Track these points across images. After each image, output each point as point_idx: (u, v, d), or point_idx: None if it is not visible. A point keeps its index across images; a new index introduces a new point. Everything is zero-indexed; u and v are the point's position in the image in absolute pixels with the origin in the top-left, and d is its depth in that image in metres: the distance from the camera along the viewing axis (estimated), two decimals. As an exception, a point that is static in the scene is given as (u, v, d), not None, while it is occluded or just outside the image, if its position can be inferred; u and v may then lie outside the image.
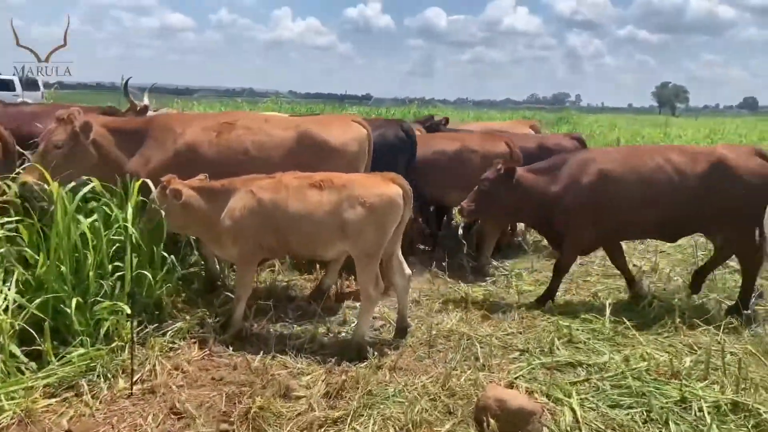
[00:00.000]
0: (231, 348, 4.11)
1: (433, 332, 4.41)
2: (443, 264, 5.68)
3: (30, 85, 25.61)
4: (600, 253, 7.02)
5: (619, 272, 5.56)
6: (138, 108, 7.36)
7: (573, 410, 3.37)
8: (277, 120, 5.42)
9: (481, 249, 6.38)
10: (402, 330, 4.46)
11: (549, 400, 3.50)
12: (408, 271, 4.48)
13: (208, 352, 4.05)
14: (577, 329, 4.54)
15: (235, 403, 3.43)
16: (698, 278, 5.45)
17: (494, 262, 6.41)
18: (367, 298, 4.19)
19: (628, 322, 4.55)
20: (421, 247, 6.81)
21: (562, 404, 3.45)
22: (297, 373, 3.81)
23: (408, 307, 4.59)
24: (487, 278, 6.00)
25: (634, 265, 6.04)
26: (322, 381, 3.67)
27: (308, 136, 5.08)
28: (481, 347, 4.22)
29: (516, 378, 3.77)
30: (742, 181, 4.87)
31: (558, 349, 4.20)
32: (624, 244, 5.69)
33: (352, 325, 4.51)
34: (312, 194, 4.17)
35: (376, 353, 4.06)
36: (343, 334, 4.45)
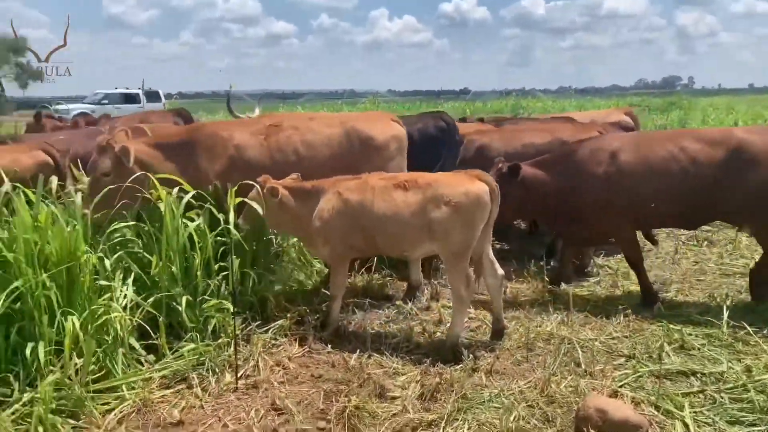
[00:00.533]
0: (329, 346, 4.22)
1: (532, 335, 4.27)
2: (541, 264, 5.50)
3: (152, 96, 27.97)
4: (716, 249, 6.53)
5: (738, 271, 5.13)
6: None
7: (685, 425, 3.14)
8: (321, 118, 5.48)
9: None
10: (498, 332, 4.37)
11: (657, 412, 3.29)
12: (500, 270, 4.38)
13: (307, 349, 4.18)
14: (690, 334, 4.23)
15: (332, 401, 3.50)
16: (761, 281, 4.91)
17: (598, 260, 6.11)
18: (458, 299, 4.14)
19: (749, 327, 4.17)
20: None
21: (672, 417, 3.22)
22: (392, 373, 3.84)
23: (503, 308, 4.48)
24: (590, 278, 5.73)
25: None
26: (417, 382, 3.67)
27: (354, 133, 5.14)
28: (582, 352, 4.04)
29: (621, 386, 3.56)
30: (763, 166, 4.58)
31: (668, 355, 3.93)
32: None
33: (448, 325, 4.48)
34: (397, 195, 4.19)
35: (471, 355, 4.00)
36: (438, 334, 4.42)
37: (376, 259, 5.55)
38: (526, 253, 6.31)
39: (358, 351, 4.10)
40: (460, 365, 3.89)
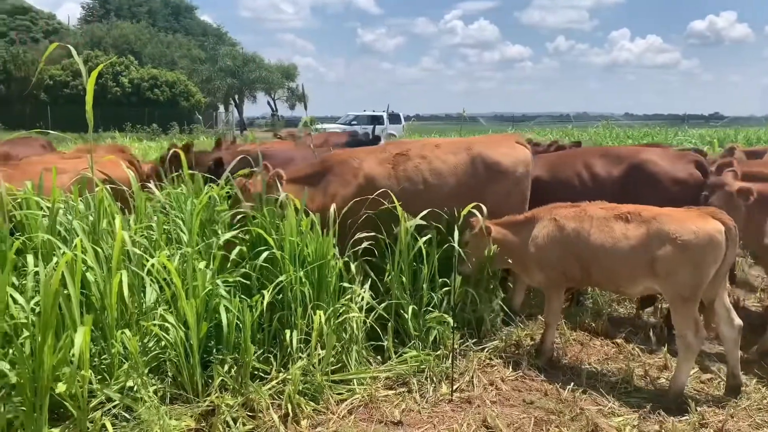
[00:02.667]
0: (543, 374, 4.24)
1: (777, 398, 3.80)
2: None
3: (394, 118, 30.65)
4: None
5: None
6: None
7: None
8: (447, 145, 5.31)
9: None
10: (734, 388, 3.95)
11: None
12: (738, 320, 3.95)
13: (521, 373, 4.26)
14: None
15: (542, 429, 3.54)
16: None
17: None
18: (684, 346, 3.83)
19: None
20: None
21: None
22: (607, 412, 3.73)
23: (740, 362, 4.04)
24: None
25: None
26: (634, 426, 3.53)
27: (480, 159, 4.98)
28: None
29: None
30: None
31: None
32: None
33: (673, 372, 4.18)
34: (617, 226, 4.05)
35: (698, 409, 3.70)
36: (662, 381, 4.16)
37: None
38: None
39: (572, 384, 4.05)
40: (685, 417, 3.63)
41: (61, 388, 2.92)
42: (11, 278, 3.12)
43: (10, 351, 3.05)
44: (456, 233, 4.54)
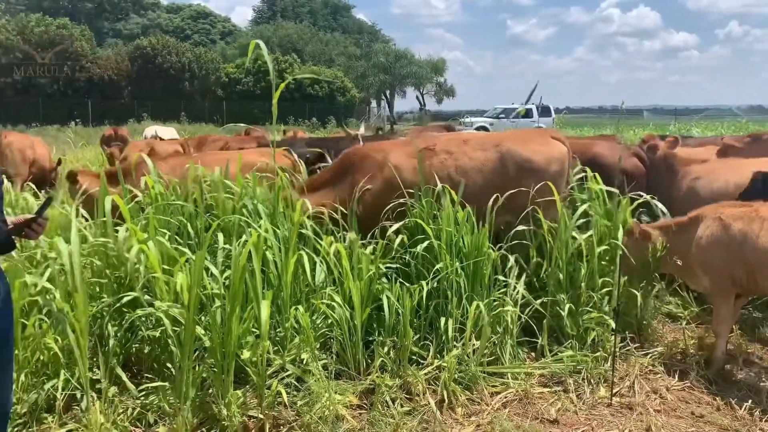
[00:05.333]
0: (714, 386, 3.92)
1: None
2: None
3: (544, 111, 29.79)
4: None
5: None
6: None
7: None
8: (476, 140, 4.97)
9: None
10: None
11: None
12: None
13: (688, 383, 3.97)
14: None
15: (714, 447, 3.29)
16: None
17: None
18: None
19: None
20: None
21: None
22: (793, 436, 3.37)
23: None
24: None
25: None
26: (829, 456, 3.15)
27: (509, 155, 4.67)
28: None
29: None
30: None
31: None
32: None
33: None
34: None
35: None
36: None
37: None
38: None
39: (749, 401, 3.70)
40: None
41: (245, 354, 3.27)
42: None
43: (204, 318, 3.48)
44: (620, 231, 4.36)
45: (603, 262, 4.61)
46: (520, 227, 4.42)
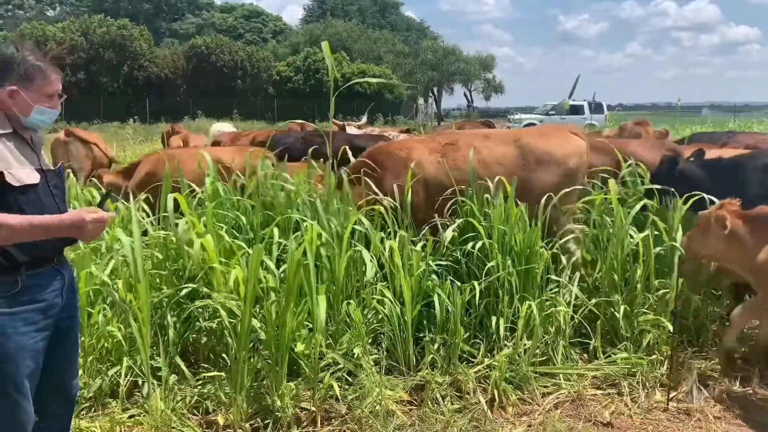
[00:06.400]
0: (779, 394, 3.77)
1: None
2: None
3: (597, 108, 29.12)
4: None
5: None
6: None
7: None
8: (497, 135, 5.04)
9: None
10: None
11: None
12: None
13: (750, 391, 3.82)
14: None
15: (779, 457, 3.17)
16: None
17: None
18: None
19: None
20: None
21: None
22: None
23: None
24: None
25: None
26: None
27: (529, 149, 4.72)
28: None
29: None
30: None
31: None
32: None
33: None
34: None
35: None
36: None
37: None
38: None
39: (817, 412, 3.54)
40: None
41: (299, 347, 3.34)
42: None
43: (259, 311, 3.56)
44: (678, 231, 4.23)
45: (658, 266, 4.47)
46: (569, 225, 4.37)
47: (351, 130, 10.47)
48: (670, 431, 3.40)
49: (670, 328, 4.00)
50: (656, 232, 4.47)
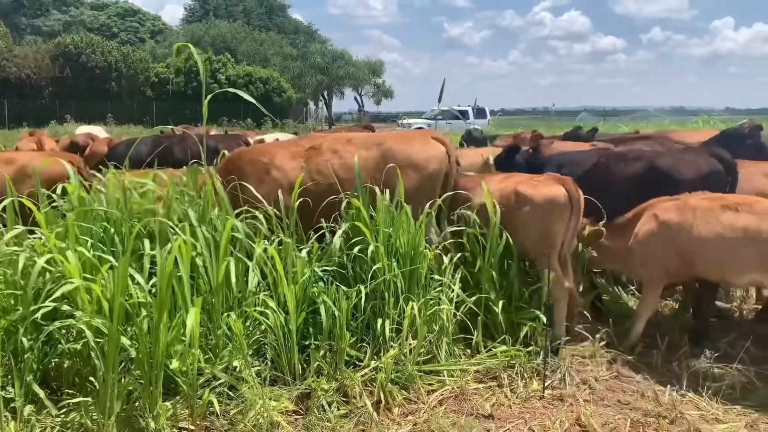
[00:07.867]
0: (639, 375, 4.10)
1: None
2: None
3: (480, 113, 30.49)
4: None
5: None
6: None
7: None
8: (359, 139, 5.16)
9: None
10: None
11: None
12: None
13: (615, 373, 4.13)
14: None
15: (639, 431, 3.43)
16: None
17: None
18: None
19: None
20: None
21: None
22: (710, 418, 3.56)
23: None
24: None
25: None
26: (743, 434, 3.34)
27: (391, 154, 4.84)
28: None
29: None
30: None
31: None
32: None
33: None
34: (725, 217, 4.03)
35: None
36: (774, 390, 3.89)
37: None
38: None
39: (669, 386, 3.90)
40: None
41: (174, 364, 3.15)
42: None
43: (129, 328, 3.33)
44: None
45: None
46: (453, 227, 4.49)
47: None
48: (545, 417, 3.58)
49: (545, 319, 4.22)
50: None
